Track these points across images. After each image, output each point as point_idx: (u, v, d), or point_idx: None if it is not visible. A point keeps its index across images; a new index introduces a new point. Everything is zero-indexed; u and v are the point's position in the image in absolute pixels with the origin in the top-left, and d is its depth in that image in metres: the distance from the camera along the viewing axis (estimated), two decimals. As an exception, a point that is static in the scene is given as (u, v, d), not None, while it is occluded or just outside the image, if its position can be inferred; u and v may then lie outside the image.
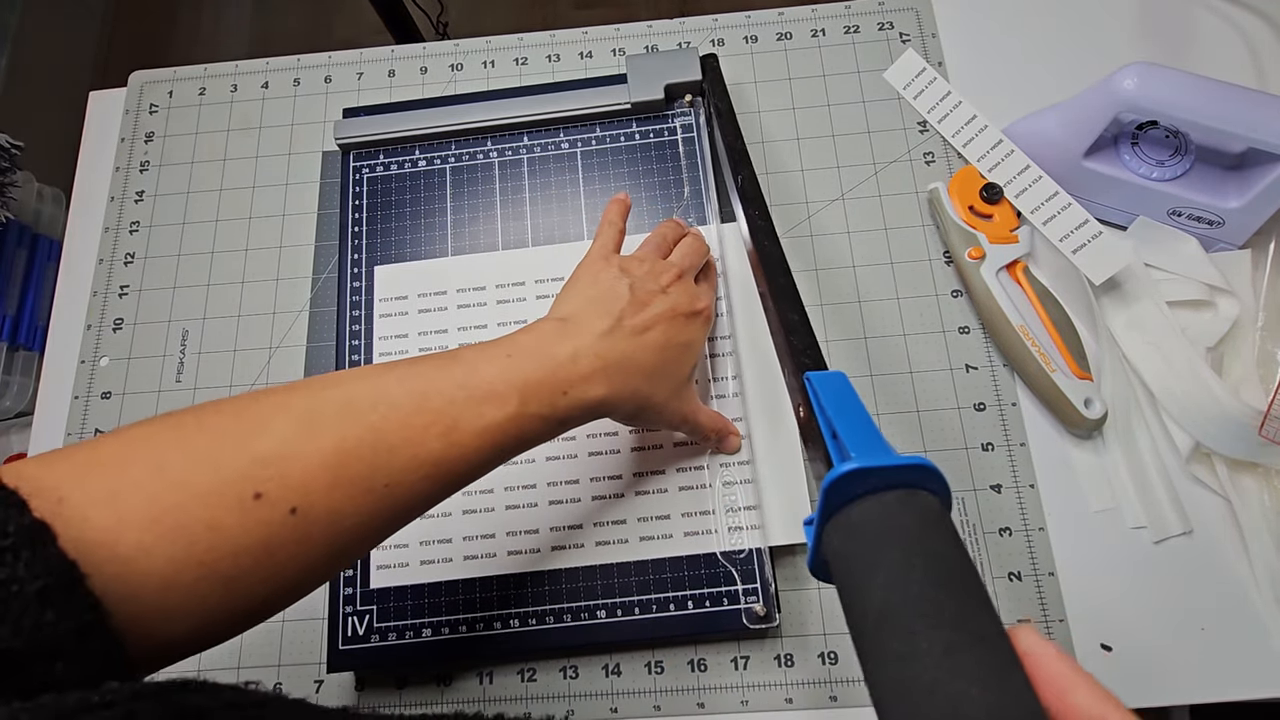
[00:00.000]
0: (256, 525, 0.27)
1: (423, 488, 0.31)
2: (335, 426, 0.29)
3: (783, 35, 0.56)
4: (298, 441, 0.28)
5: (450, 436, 0.31)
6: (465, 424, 0.31)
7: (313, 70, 0.59)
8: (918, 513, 0.24)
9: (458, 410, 0.31)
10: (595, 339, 0.36)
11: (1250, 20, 0.54)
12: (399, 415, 0.30)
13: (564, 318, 0.37)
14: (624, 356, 0.36)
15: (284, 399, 0.30)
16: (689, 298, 0.40)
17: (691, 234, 0.46)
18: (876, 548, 0.23)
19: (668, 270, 0.41)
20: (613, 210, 0.44)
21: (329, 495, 0.28)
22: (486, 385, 0.32)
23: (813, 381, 0.32)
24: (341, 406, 0.30)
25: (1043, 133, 0.49)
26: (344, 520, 0.29)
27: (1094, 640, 0.42)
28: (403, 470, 0.30)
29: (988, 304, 0.46)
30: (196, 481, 0.26)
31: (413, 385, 0.32)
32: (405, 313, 0.49)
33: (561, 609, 0.43)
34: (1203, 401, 0.43)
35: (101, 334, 0.53)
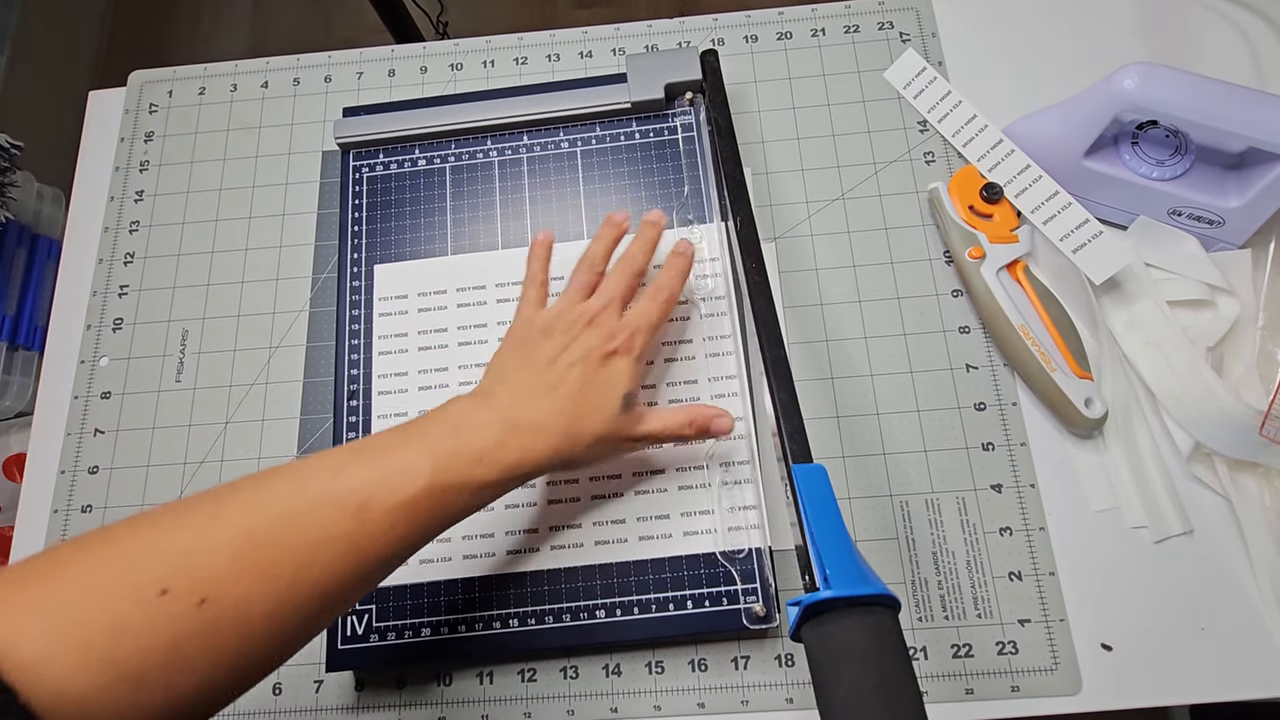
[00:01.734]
0: (163, 621, 0.27)
1: (336, 571, 0.31)
2: (243, 516, 0.30)
3: (783, 35, 0.56)
4: (205, 533, 0.29)
5: (361, 515, 0.31)
6: (377, 501, 0.32)
7: (312, 70, 0.59)
8: (874, 632, 0.31)
9: (369, 489, 0.32)
10: (505, 405, 0.37)
11: (1250, 20, 0.54)
12: (309, 498, 0.31)
13: (482, 390, 0.39)
14: (534, 419, 0.37)
15: (196, 498, 0.31)
16: (601, 339, 0.40)
17: (636, 243, 0.44)
18: (840, 663, 0.31)
19: (582, 316, 0.41)
20: (534, 264, 0.44)
21: (237, 584, 0.28)
22: (399, 462, 0.33)
23: (796, 476, 0.37)
24: (248, 497, 0.31)
25: (1043, 132, 0.49)
26: (254, 608, 0.28)
27: (1094, 640, 0.42)
28: (312, 553, 0.30)
29: (988, 303, 0.46)
30: (100, 584, 0.27)
31: (322, 471, 0.32)
32: (405, 312, 0.49)
33: (561, 609, 0.43)
34: (1203, 401, 0.43)
35: (101, 334, 0.53)
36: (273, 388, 0.51)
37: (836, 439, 0.47)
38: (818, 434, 0.46)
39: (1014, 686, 0.42)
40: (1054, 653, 0.42)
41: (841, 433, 0.47)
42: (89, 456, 0.50)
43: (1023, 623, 0.43)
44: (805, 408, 0.40)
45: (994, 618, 0.43)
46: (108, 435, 0.50)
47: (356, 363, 0.49)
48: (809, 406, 0.47)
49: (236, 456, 0.49)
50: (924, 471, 0.46)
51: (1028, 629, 0.43)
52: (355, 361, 0.49)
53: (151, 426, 0.50)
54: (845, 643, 0.31)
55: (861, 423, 0.47)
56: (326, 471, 0.32)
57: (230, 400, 0.50)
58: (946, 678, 0.42)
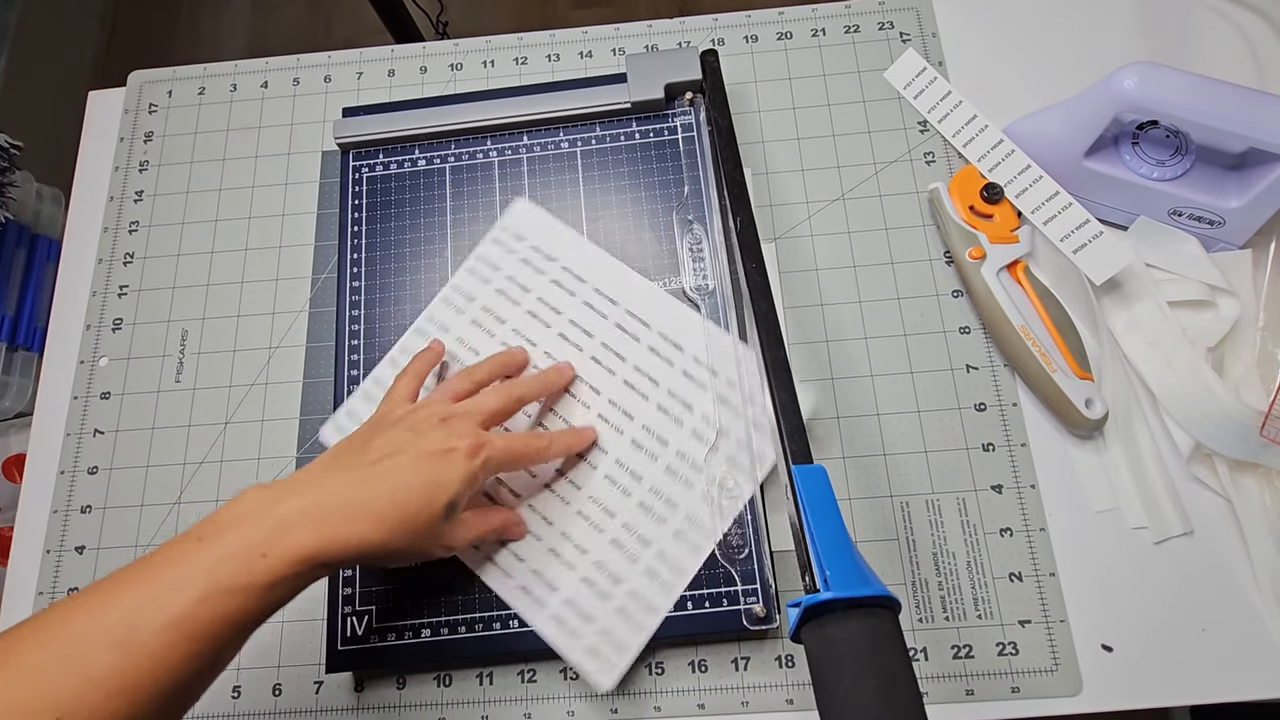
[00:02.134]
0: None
1: (111, 711, 0.29)
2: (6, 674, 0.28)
3: (783, 35, 0.56)
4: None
5: (128, 647, 0.29)
6: (144, 625, 0.30)
7: (312, 70, 0.59)
8: (874, 633, 0.31)
9: (134, 617, 0.30)
10: (311, 489, 0.35)
11: (1250, 20, 0.54)
12: (63, 645, 0.29)
13: (289, 478, 0.36)
14: (342, 502, 0.34)
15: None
16: (445, 437, 0.38)
17: (533, 377, 0.44)
18: (840, 664, 0.31)
19: (436, 414, 0.39)
20: (418, 362, 0.44)
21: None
22: (167, 578, 0.31)
23: (796, 476, 0.36)
24: (4, 647, 0.29)
25: (1043, 132, 0.49)
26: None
27: (1095, 640, 0.42)
28: (76, 701, 0.28)
29: (988, 304, 0.46)
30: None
31: (81, 609, 0.30)
32: (513, 252, 0.49)
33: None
34: (1203, 402, 0.43)
35: (101, 334, 0.53)
36: (273, 388, 0.50)
37: (836, 439, 0.47)
38: (818, 434, 0.46)
39: (1014, 687, 0.42)
40: (1054, 653, 0.42)
41: (841, 433, 0.47)
42: (89, 457, 0.50)
43: (1023, 623, 0.43)
44: (805, 408, 0.40)
45: (994, 618, 0.43)
46: (107, 435, 0.50)
47: (356, 363, 0.49)
48: (809, 406, 0.47)
49: (236, 457, 0.49)
50: (924, 472, 0.46)
51: (1028, 630, 0.43)
52: (355, 362, 0.49)
53: (151, 427, 0.50)
54: (845, 644, 0.31)
55: (862, 423, 0.47)
56: (84, 611, 0.30)
57: (230, 400, 0.50)
58: (947, 678, 0.42)
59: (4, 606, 0.48)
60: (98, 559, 0.48)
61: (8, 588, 0.48)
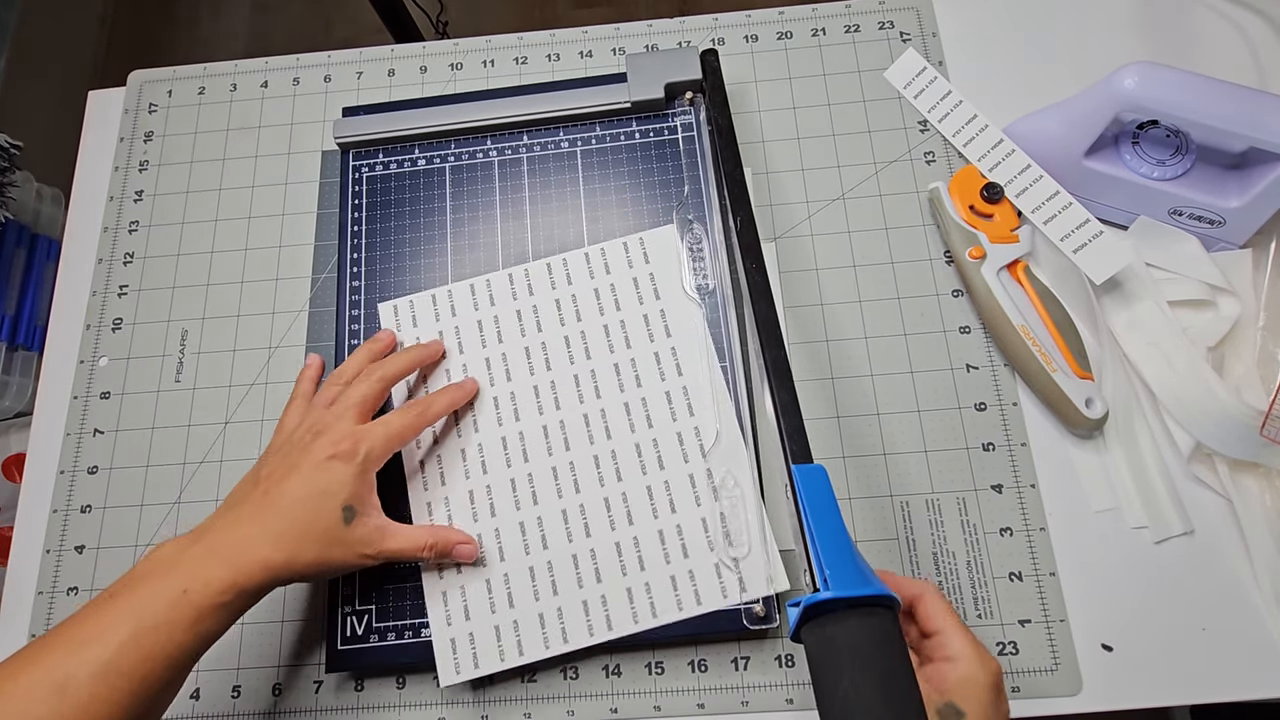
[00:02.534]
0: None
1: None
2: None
3: (783, 34, 0.56)
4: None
5: (63, 694, 0.31)
6: (77, 670, 0.32)
7: (312, 70, 0.59)
8: (874, 632, 0.31)
9: (68, 664, 0.32)
10: (217, 531, 0.37)
11: (1250, 20, 0.54)
12: (11, 690, 0.31)
13: (201, 526, 0.38)
14: (243, 535, 0.37)
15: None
16: (322, 448, 0.39)
17: (397, 355, 0.45)
18: (840, 663, 0.31)
19: (312, 427, 0.41)
20: (302, 383, 0.46)
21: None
22: (94, 627, 0.33)
23: (796, 476, 0.36)
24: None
25: (1043, 132, 0.49)
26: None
27: (1095, 640, 0.42)
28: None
29: (988, 304, 0.46)
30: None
31: (13, 666, 0.32)
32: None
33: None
34: (1204, 401, 0.43)
35: (101, 334, 0.53)
36: (273, 388, 0.50)
37: (836, 439, 0.47)
38: (818, 434, 0.46)
39: (1014, 687, 0.42)
40: (1054, 653, 0.42)
41: (842, 433, 0.47)
42: (88, 456, 0.50)
43: (1023, 623, 0.43)
44: (805, 408, 0.39)
45: (994, 618, 0.43)
46: (107, 435, 0.50)
47: (356, 363, 0.49)
48: (809, 406, 0.47)
49: (236, 456, 0.49)
50: (924, 472, 0.46)
51: (1028, 629, 0.43)
52: (355, 361, 0.49)
53: (151, 426, 0.50)
54: (845, 643, 0.31)
55: (862, 423, 0.47)
56: (14, 669, 0.32)
57: (230, 400, 0.50)
58: (947, 678, 0.42)
59: (4, 606, 0.48)
60: (98, 559, 0.48)
61: (8, 588, 0.48)
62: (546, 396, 0.46)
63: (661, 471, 0.45)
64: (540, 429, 0.46)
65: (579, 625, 0.42)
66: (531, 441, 0.46)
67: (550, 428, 0.46)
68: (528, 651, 0.42)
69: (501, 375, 0.47)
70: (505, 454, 0.46)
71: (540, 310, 0.48)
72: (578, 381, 0.47)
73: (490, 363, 0.47)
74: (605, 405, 0.46)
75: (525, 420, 0.46)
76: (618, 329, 0.47)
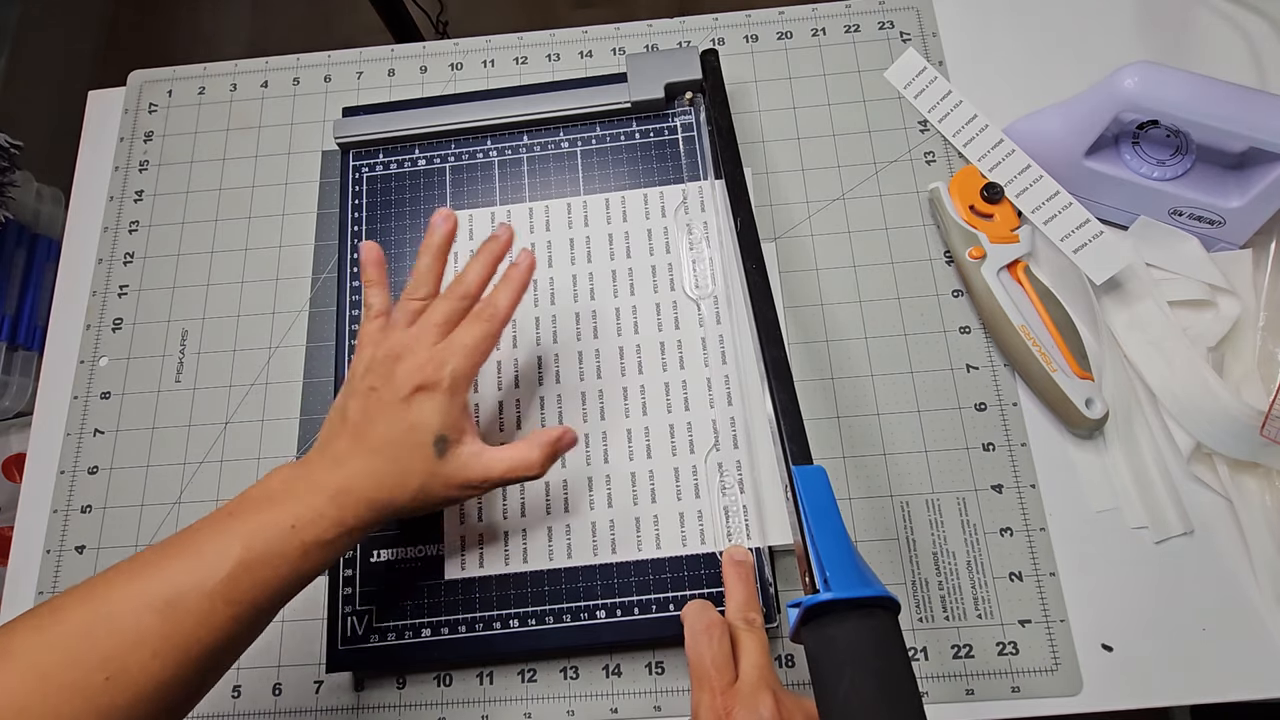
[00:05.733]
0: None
1: (156, 670, 0.30)
2: (32, 649, 0.30)
3: (783, 34, 0.56)
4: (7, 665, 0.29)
5: (170, 610, 0.31)
6: (186, 592, 0.32)
7: (312, 69, 0.59)
8: (874, 633, 0.31)
9: (176, 581, 0.32)
10: (320, 466, 0.37)
11: (1251, 20, 0.54)
12: (107, 608, 0.31)
13: (305, 457, 0.38)
14: (344, 477, 0.36)
15: (14, 623, 0.31)
16: (407, 375, 0.37)
17: (472, 262, 0.41)
18: (840, 663, 0.31)
19: (390, 354, 0.38)
20: (368, 292, 0.41)
21: (45, 706, 0.28)
22: (207, 549, 0.33)
23: (796, 477, 0.36)
24: (41, 622, 0.31)
25: (1043, 132, 0.49)
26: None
27: (1095, 640, 0.42)
28: (123, 659, 0.30)
29: (988, 304, 0.46)
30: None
31: (124, 576, 0.32)
32: None
33: (561, 609, 0.43)
34: (1204, 401, 0.43)
35: (101, 334, 0.53)
36: (273, 388, 0.50)
37: (837, 439, 0.47)
38: (818, 434, 0.46)
39: (1014, 687, 0.42)
40: (1054, 653, 0.42)
41: (842, 433, 0.47)
42: (89, 456, 0.50)
43: (1023, 623, 0.43)
44: (805, 408, 0.39)
45: (994, 618, 0.43)
46: (107, 435, 0.50)
47: (356, 363, 0.49)
48: (809, 406, 0.47)
49: (236, 456, 0.49)
50: (924, 472, 0.46)
51: (1028, 629, 0.43)
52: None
53: (151, 427, 0.50)
54: (845, 644, 0.31)
55: (862, 423, 0.47)
56: (127, 576, 0.32)
57: (230, 400, 0.50)
58: (947, 678, 0.42)
59: (4, 607, 0.48)
60: (98, 559, 0.48)
61: (8, 588, 0.48)
62: (586, 324, 0.48)
63: (686, 413, 0.46)
64: (575, 354, 0.48)
65: (585, 544, 0.44)
66: (565, 365, 0.47)
67: (585, 354, 0.47)
68: (532, 560, 0.44)
69: (546, 299, 0.49)
70: (539, 371, 0.47)
71: (592, 240, 0.50)
72: (618, 315, 0.48)
73: (536, 284, 0.49)
74: (641, 341, 0.47)
75: (562, 343, 0.48)
76: (663, 270, 0.49)
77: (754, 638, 0.37)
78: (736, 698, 0.34)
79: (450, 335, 0.39)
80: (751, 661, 0.36)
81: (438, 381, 0.38)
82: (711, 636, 0.36)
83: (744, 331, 0.47)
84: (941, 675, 0.42)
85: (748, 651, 0.36)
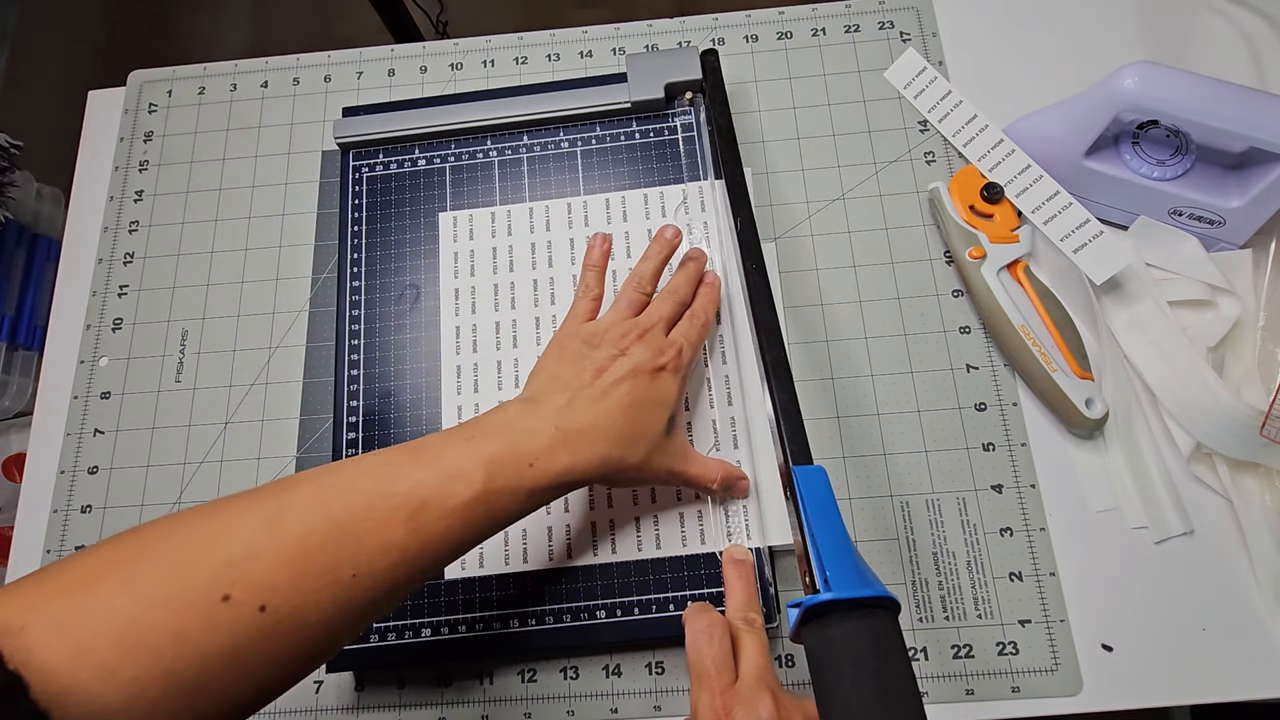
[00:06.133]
0: (224, 628, 0.27)
1: (391, 575, 0.31)
2: (300, 520, 0.30)
3: (783, 34, 0.56)
4: (263, 539, 0.29)
5: (417, 520, 0.31)
6: (433, 505, 0.32)
7: (312, 69, 0.59)
8: (874, 634, 0.31)
9: (425, 492, 0.32)
10: (555, 412, 0.37)
11: (1251, 20, 0.54)
12: (363, 502, 0.31)
13: (528, 398, 0.38)
14: (585, 426, 0.36)
15: (249, 499, 0.30)
16: (652, 353, 0.39)
17: (680, 275, 0.45)
18: (840, 663, 0.31)
19: (631, 330, 0.40)
20: (589, 275, 0.44)
21: (295, 590, 0.28)
22: (453, 466, 0.33)
23: (797, 477, 0.37)
24: (305, 500, 0.30)
25: (1043, 132, 0.49)
26: (310, 614, 0.29)
27: (1095, 640, 0.42)
28: (369, 559, 0.30)
29: (988, 304, 0.46)
30: (163, 591, 0.26)
31: (377, 474, 0.32)
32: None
33: (561, 609, 0.43)
34: (1204, 401, 0.43)
35: (101, 334, 0.53)
36: (273, 388, 0.50)
37: (837, 439, 0.47)
38: (818, 434, 0.46)
39: (1014, 687, 0.42)
40: (1054, 653, 0.42)
41: (842, 433, 0.47)
42: (89, 456, 0.50)
43: (1023, 623, 0.43)
44: (805, 408, 0.39)
45: (994, 618, 0.43)
46: (107, 435, 0.50)
47: (356, 363, 0.49)
48: (809, 406, 0.47)
49: (236, 456, 0.49)
50: (924, 472, 0.46)
51: (1028, 629, 0.43)
52: (355, 362, 0.49)
53: (151, 426, 0.50)
54: (845, 644, 0.31)
55: (862, 423, 0.47)
56: (381, 475, 0.32)
57: (230, 400, 0.50)
58: (947, 678, 0.42)
59: (4, 606, 0.48)
60: (98, 559, 0.48)
61: (8, 588, 0.48)
62: None
63: (686, 413, 0.46)
64: None
65: (585, 544, 0.44)
66: None
67: None
68: (532, 560, 0.44)
69: (546, 299, 0.49)
70: None
71: None
72: None
73: (537, 284, 0.49)
74: None
75: None
76: None
77: (754, 638, 0.37)
78: (736, 698, 0.34)
79: (673, 330, 0.42)
80: (751, 662, 0.36)
81: (678, 366, 0.40)
82: (712, 636, 0.36)
83: (744, 331, 0.47)
84: (941, 675, 0.42)
85: (747, 652, 0.36)
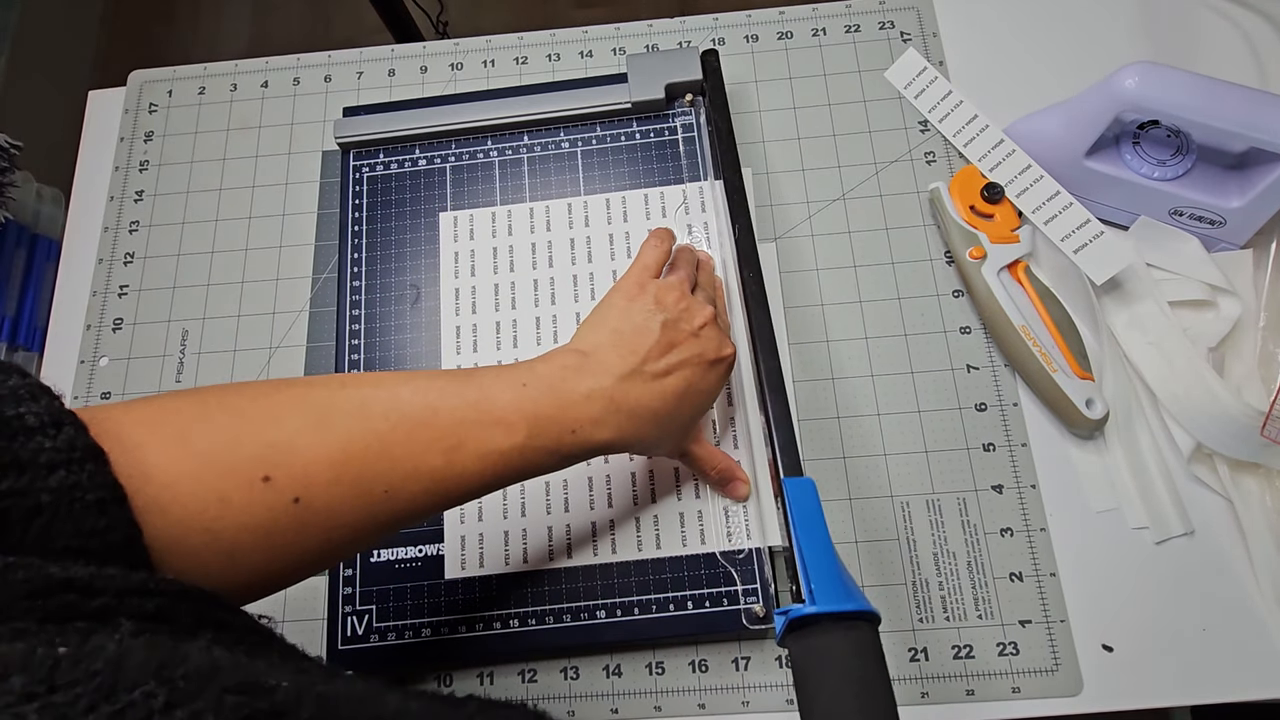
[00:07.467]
0: (261, 507, 0.28)
1: (420, 500, 0.31)
2: (344, 426, 0.30)
3: (783, 34, 0.56)
4: (308, 435, 0.29)
5: (453, 455, 0.32)
6: (470, 446, 0.32)
7: (312, 69, 0.59)
8: (855, 646, 0.33)
9: (465, 431, 0.32)
10: (613, 381, 0.35)
11: (1251, 20, 0.54)
12: (407, 425, 0.31)
13: (586, 351, 0.37)
14: (637, 405, 0.36)
15: (303, 392, 0.31)
16: (717, 343, 0.39)
17: (705, 274, 0.45)
18: (821, 673, 0.32)
19: (702, 311, 0.39)
20: (660, 230, 0.44)
21: (329, 491, 0.29)
22: (498, 411, 0.33)
23: (786, 488, 0.38)
24: (354, 408, 0.31)
25: (1044, 132, 0.49)
26: (340, 517, 0.30)
27: (1095, 640, 0.42)
28: (403, 480, 0.31)
29: (989, 304, 0.46)
30: (213, 454, 0.28)
31: (426, 398, 0.32)
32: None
33: (561, 609, 0.43)
34: (1204, 402, 0.43)
35: (101, 334, 0.53)
36: (273, 388, 0.50)
37: (837, 439, 0.46)
38: (818, 434, 0.46)
39: (1015, 687, 0.42)
40: (1055, 654, 0.42)
41: (842, 433, 0.47)
42: (89, 457, 0.50)
43: (1024, 623, 0.43)
44: (806, 408, 0.40)
45: (995, 618, 0.43)
46: (107, 435, 0.50)
47: (357, 363, 0.49)
48: (809, 406, 0.47)
49: (236, 457, 0.49)
50: (925, 472, 0.46)
51: (1029, 630, 0.42)
52: (356, 362, 0.49)
53: (151, 427, 0.50)
54: (828, 655, 0.33)
55: (862, 423, 0.47)
56: (427, 403, 0.32)
57: (230, 400, 0.50)
58: (947, 679, 0.42)
59: (4, 606, 0.48)
60: (98, 559, 0.48)
61: (8, 588, 0.48)
62: None
63: None
64: None
65: (585, 544, 0.44)
66: None
67: None
68: (532, 560, 0.44)
69: (546, 299, 0.49)
70: None
71: (593, 241, 0.50)
72: None
73: (538, 284, 0.49)
74: None
75: (562, 343, 0.47)
76: None
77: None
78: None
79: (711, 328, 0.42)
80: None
81: (731, 362, 0.40)
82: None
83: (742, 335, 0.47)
84: (942, 675, 0.42)
85: None
